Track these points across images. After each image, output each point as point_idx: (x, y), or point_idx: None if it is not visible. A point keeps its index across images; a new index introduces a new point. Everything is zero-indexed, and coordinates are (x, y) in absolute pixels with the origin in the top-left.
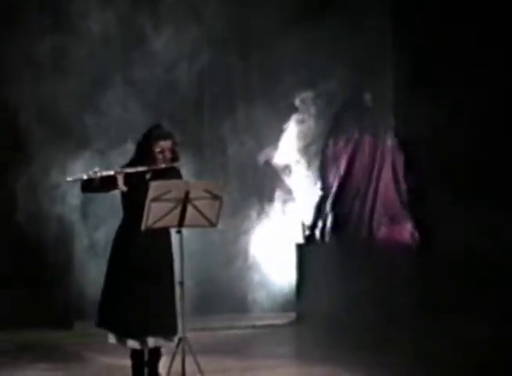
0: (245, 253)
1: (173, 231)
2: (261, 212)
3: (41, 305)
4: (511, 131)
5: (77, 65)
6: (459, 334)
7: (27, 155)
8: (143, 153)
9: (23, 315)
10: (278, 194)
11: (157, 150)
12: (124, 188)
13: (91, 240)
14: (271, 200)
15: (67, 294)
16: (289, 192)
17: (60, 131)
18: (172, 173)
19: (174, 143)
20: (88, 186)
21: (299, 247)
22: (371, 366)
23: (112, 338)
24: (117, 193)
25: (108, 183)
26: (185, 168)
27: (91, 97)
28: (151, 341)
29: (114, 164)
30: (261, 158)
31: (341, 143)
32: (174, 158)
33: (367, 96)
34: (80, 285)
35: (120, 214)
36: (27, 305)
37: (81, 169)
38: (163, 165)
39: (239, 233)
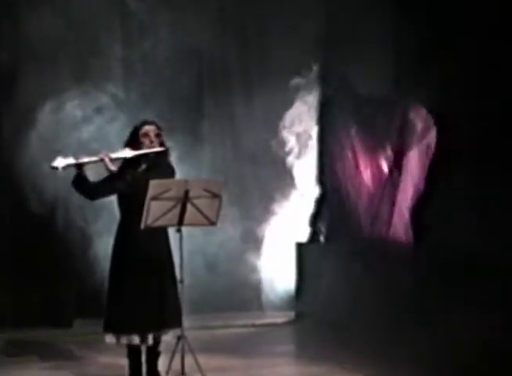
0: (244, 251)
1: (173, 230)
2: (261, 209)
3: (40, 304)
4: None
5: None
6: (461, 334)
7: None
8: (130, 143)
9: (22, 313)
10: (278, 189)
11: (142, 132)
12: (113, 168)
13: (91, 238)
14: (271, 195)
15: (66, 292)
16: (290, 187)
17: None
18: (166, 168)
19: (159, 128)
20: (79, 181)
21: (299, 245)
22: (371, 365)
23: (110, 338)
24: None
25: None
26: (183, 160)
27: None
28: (152, 336)
29: None
30: (263, 150)
31: (335, 138)
32: (161, 144)
33: (353, 84)
34: (79, 283)
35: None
36: (25, 304)
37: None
38: (149, 150)
39: (238, 230)
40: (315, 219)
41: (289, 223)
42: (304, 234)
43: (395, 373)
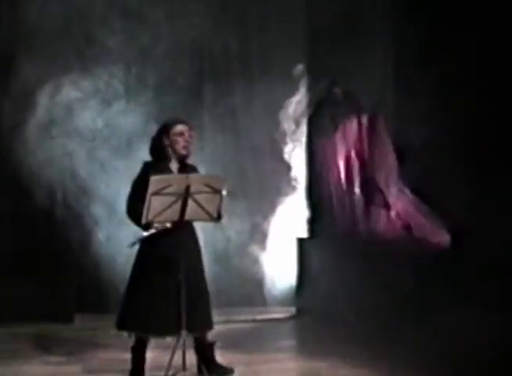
0: (245, 247)
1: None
2: (263, 202)
3: (40, 298)
4: None
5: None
6: (461, 334)
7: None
8: (160, 144)
9: (23, 308)
10: (280, 182)
11: (176, 131)
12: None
13: (91, 231)
14: (273, 188)
15: (67, 287)
16: (291, 181)
17: None
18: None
19: (192, 129)
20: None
21: (300, 240)
22: (371, 361)
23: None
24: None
25: None
26: None
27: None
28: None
29: None
30: (265, 143)
31: (323, 141)
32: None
33: (337, 90)
34: (80, 278)
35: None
36: (26, 298)
37: None
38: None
39: (240, 226)
40: (315, 215)
41: (290, 218)
42: (305, 229)
43: (397, 367)
